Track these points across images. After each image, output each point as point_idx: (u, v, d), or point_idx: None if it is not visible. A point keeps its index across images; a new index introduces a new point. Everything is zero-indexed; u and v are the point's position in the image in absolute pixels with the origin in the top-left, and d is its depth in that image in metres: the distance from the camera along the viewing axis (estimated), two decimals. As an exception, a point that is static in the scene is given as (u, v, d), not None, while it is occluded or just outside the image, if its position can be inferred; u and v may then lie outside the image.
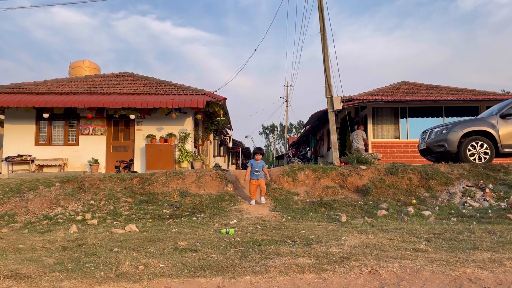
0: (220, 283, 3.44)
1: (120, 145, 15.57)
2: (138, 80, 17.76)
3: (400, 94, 18.04)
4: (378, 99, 16.62)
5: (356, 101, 16.58)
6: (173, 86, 17.01)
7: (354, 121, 18.66)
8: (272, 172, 10.34)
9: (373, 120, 17.05)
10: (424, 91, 18.44)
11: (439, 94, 17.71)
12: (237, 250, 4.75)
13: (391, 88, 19.36)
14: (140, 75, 18.57)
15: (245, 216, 7.89)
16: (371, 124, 17.00)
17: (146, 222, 7.42)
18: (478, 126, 9.68)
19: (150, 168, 13.66)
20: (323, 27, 13.02)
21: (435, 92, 18.24)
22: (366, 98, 16.89)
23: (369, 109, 17.03)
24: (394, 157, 15.80)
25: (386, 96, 17.45)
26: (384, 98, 16.71)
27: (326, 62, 12.99)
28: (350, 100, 16.58)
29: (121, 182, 9.65)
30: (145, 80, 17.72)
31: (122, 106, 14.30)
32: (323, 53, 13.05)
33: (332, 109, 12.86)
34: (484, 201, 7.95)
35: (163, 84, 17.20)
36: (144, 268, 3.90)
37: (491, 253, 4.10)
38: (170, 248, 4.86)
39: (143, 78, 18.04)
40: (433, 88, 18.91)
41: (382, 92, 18.56)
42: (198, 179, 9.76)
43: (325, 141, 23.54)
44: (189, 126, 15.43)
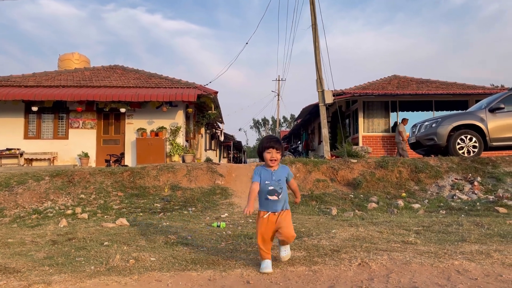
0: (211, 276, 3.45)
1: (111, 138, 15.47)
2: (129, 73, 17.62)
3: (391, 88, 18.14)
4: (369, 93, 16.69)
5: (347, 95, 16.63)
6: (164, 79, 16.90)
7: (345, 115, 18.73)
8: (264, 166, 10.35)
9: (363, 114, 17.13)
10: (414, 85, 18.56)
11: (429, 88, 17.84)
12: (228, 243, 4.76)
13: (382, 82, 19.45)
14: (131, 68, 18.43)
15: (237, 209, 7.90)
16: (362, 118, 17.08)
17: (137, 216, 7.40)
18: (467, 120, 9.78)
19: (141, 162, 13.59)
20: (315, 21, 13.01)
21: (425, 86, 18.36)
22: (357, 92, 16.95)
23: (360, 103, 17.10)
24: (384, 150, 15.92)
25: (376, 90, 17.52)
26: (375, 92, 16.78)
27: (318, 55, 13.00)
28: (341, 94, 16.64)
29: (112, 176, 9.59)
30: (136, 73, 17.59)
31: (112, 100, 14.19)
32: (315, 47, 13.05)
33: (323, 103, 12.89)
34: (473, 194, 8.05)
35: (153, 77, 17.09)
36: (135, 261, 3.89)
37: (479, 245, 4.16)
38: (161, 241, 4.85)
39: (134, 71, 17.90)
40: (423, 82, 19.04)
41: (373, 86, 18.64)
42: (189, 172, 9.74)
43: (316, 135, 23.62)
44: (180, 119, 15.36)
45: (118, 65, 18.75)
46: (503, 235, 4.64)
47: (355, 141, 16.88)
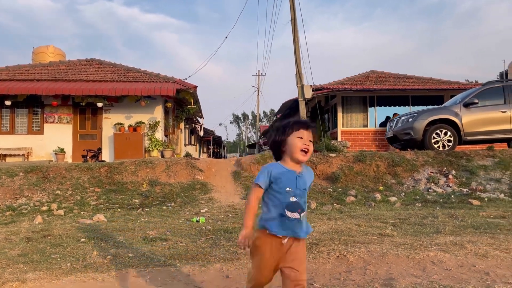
0: (190, 271, 3.44)
1: (87, 133, 15.17)
2: (106, 67, 17.30)
3: (369, 83, 18.35)
4: (348, 88, 16.84)
5: (326, 90, 16.74)
6: (142, 73, 16.66)
7: (324, 110, 18.88)
8: (244, 161, 10.35)
9: (342, 109, 17.29)
10: (391, 80, 18.83)
11: (406, 83, 18.13)
12: (207, 238, 4.75)
13: (360, 77, 19.66)
14: (108, 61, 18.08)
15: (216, 204, 7.88)
16: (340, 113, 17.24)
17: (114, 212, 7.29)
18: (442, 115, 9.98)
19: (119, 157, 13.39)
20: (294, 15, 13.03)
21: (402, 81, 18.66)
22: (336, 87, 17.09)
23: (338, 98, 17.25)
24: (362, 145, 16.12)
25: (355, 85, 17.71)
26: (353, 87, 16.95)
27: (297, 50, 13.03)
28: (320, 89, 16.73)
29: (89, 172, 9.42)
30: (113, 67, 17.27)
31: (89, 94, 13.90)
32: (294, 42, 13.07)
33: (302, 98, 12.95)
34: (447, 187, 8.24)
35: (131, 71, 16.82)
36: (113, 258, 3.84)
37: (453, 237, 4.27)
38: (139, 237, 4.80)
39: (111, 65, 17.58)
40: (400, 78, 19.34)
41: (352, 81, 18.83)
42: (168, 168, 9.66)
43: (295, 130, 23.69)
44: (159, 114, 15.19)
45: (95, 58, 18.37)
46: (476, 227, 4.78)
47: (334, 136, 17.04)
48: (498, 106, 9.98)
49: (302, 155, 2.13)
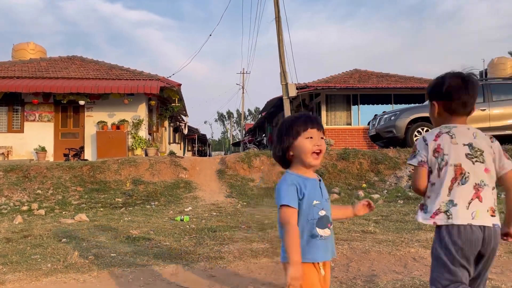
0: (174, 270, 3.42)
1: (69, 132, 14.95)
2: (88, 64, 17.05)
3: (352, 81, 18.52)
4: (331, 86, 16.97)
5: (310, 88, 16.83)
6: (125, 71, 16.47)
7: (308, 108, 18.97)
8: (228, 159, 10.34)
9: (326, 107, 17.41)
10: (375, 79, 19.03)
11: (388, 82, 18.35)
12: (191, 237, 4.74)
13: (344, 75, 19.82)
14: (90, 59, 17.82)
15: (201, 203, 7.86)
16: (324, 111, 17.36)
17: (97, 211, 7.21)
18: (424, 113, 10.12)
19: (101, 156, 13.22)
20: (278, 13, 13.05)
21: (385, 80, 18.87)
22: (320, 85, 17.20)
23: (322, 96, 17.37)
24: (346, 143, 16.26)
25: (339, 83, 17.84)
26: (337, 86, 17.09)
27: (281, 48, 13.07)
28: (304, 87, 16.81)
29: (70, 171, 9.28)
30: (95, 64, 17.04)
31: (71, 92, 13.69)
32: (278, 40, 13.11)
33: (287, 96, 13.00)
34: (429, 184, 8.38)
35: (114, 69, 16.62)
36: (95, 258, 3.79)
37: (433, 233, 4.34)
38: (122, 237, 4.76)
39: (93, 62, 17.33)
40: (383, 76, 19.56)
41: (335, 79, 18.96)
42: (152, 166, 9.58)
43: (280, 128, 23.76)
44: (143, 112, 15.05)
45: (77, 56, 18.08)
46: (456, 223, 4.86)
47: (318, 134, 17.14)
48: (477, 104, 10.16)
49: (314, 159, 1.75)
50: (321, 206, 1.75)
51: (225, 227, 5.28)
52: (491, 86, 10.41)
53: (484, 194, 1.82)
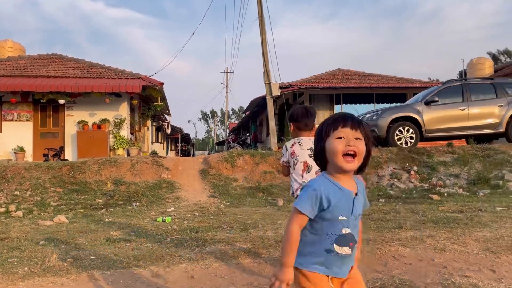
0: (155, 272, 3.38)
1: (49, 131, 14.66)
2: (68, 62, 16.74)
3: (335, 81, 18.65)
4: (315, 86, 17.07)
5: (293, 88, 16.89)
6: (106, 69, 16.23)
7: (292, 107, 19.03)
8: (211, 158, 10.29)
9: (310, 106, 17.50)
10: (357, 79, 19.21)
11: (371, 82, 18.55)
12: (173, 238, 4.69)
13: (327, 75, 19.95)
14: (70, 57, 17.50)
15: (183, 203, 7.80)
16: (308, 110, 17.44)
17: (77, 213, 7.09)
18: (405, 112, 10.26)
19: (82, 156, 13.01)
20: (261, 13, 13.04)
21: (367, 79, 19.07)
22: (303, 85, 17.27)
23: (306, 96, 17.44)
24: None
25: (322, 83, 17.95)
26: (320, 85, 17.19)
27: (265, 48, 13.06)
28: (288, 86, 16.87)
29: (50, 171, 9.10)
30: (76, 63, 16.74)
31: (50, 90, 13.41)
32: (261, 39, 13.10)
33: (270, 96, 13.00)
34: (409, 182, 8.50)
35: (95, 67, 16.35)
36: (73, 260, 3.73)
37: (414, 231, 4.40)
38: (102, 238, 4.68)
39: (73, 61, 17.02)
40: (366, 76, 19.76)
41: (319, 79, 19.07)
42: (133, 166, 9.47)
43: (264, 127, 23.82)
44: (124, 111, 14.86)
45: (57, 53, 17.72)
46: (435, 221, 4.94)
47: (302, 133, 17.24)
48: (457, 104, 10.36)
49: (347, 162, 1.57)
50: (347, 224, 1.60)
51: (207, 227, 5.25)
52: (470, 86, 10.60)
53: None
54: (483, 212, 5.41)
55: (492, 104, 10.30)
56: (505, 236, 4.02)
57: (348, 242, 1.60)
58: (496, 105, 10.26)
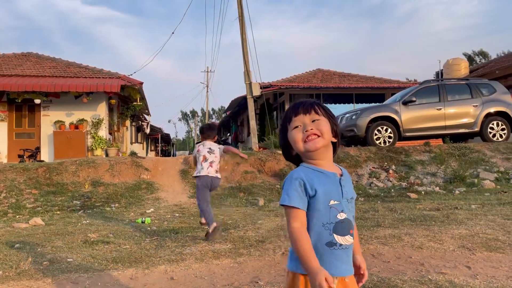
0: (133, 274, 3.34)
1: (24, 132, 14.30)
2: (44, 61, 16.37)
3: (315, 81, 18.79)
4: (295, 86, 17.16)
5: (274, 88, 16.94)
6: (83, 68, 15.94)
7: (272, 107, 19.08)
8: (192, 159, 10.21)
9: (290, 106, 17.59)
10: (337, 79, 19.40)
11: (350, 82, 18.76)
12: (152, 239, 4.64)
13: (307, 75, 20.08)
14: (46, 56, 17.12)
15: (163, 204, 7.73)
16: (288, 110, 17.52)
17: (53, 215, 6.93)
18: (383, 112, 10.41)
19: (59, 157, 12.74)
20: (241, 12, 13.03)
21: (347, 79, 19.28)
22: (284, 84, 17.34)
23: (286, 96, 17.52)
24: (309, 141, 16.47)
25: (302, 83, 18.06)
26: (301, 85, 17.29)
27: (245, 48, 13.05)
28: (268, 86, 16.90)
29: (25, 172, 8.88)
30: (52, 62, 16.39)
31: (26, 90, 13.09)
32: (242, 39, 13.08)
33: (251, 95, 12.99)
34: (388, 181, 8.63)
35: (72, 66, 16.04)
36: (50, 264, 3.64)
37: (392, 230, 4.47)
38: (79, 241, 4.59)
39: (50, 59, 16.66)
40: (345, 76, 19.97)
41: (299, 79, 19.18)
42: (112, 167, 9.32)
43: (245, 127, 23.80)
44: (103, 111, 14.62)
45: (32, 52, 17.31)
46: (413, 219, 5.03)
47: (282, 133, 17.30)
48: (434, 104, 10.57)
49: (310, 143, 1.47)
50: (341, 208, 1.45)
51: (187, 228, 5.21)
52: (446, 87, 10.84)
53: (214, 165, 4.70)
54: (459, 210, 5.53)
55: (467, 104, 10.56)
56: (480, 233, 4.12)
57: (348, 229, 1.46)
58: (471, 105, 10.51)
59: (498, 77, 14.69)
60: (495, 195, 6.88)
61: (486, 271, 3.14)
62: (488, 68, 17.09)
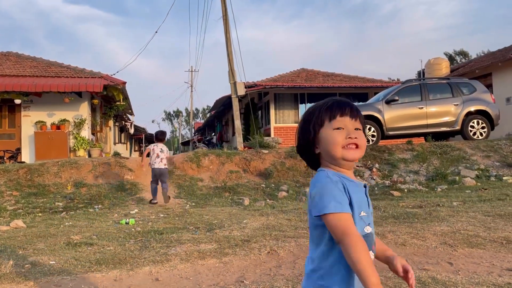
0: (117, 276, 3.30)
1: (4, 132, 14.01)
2: (24, 60, 16.04)
3: (300, 80, 18.87)
4: (280, 85, 17.19)
5: (259, 87, 16.95)
6: (65, 68, 15.68)
7: (257, 107, 19.09)
8: (176, 159, 10.17)
9: (275, 106, 17.62)
10: (321, 78, 19.51)
11: (334, 81, 18.89)
12: (137, 240, 4.60)
13: (292, 74, 20.14)
14: (26, 55, 16.78)
15: (147, 205, 7.66)
16: (273, 110, 17.55)
17: (35, 217, 6.81)
18: (367, 111, 10.52)
19: (41, 158, 12.52)
20: (225, 12, 13.00)
21: (331, 79, 19.41)
22: (268, 84, 17.36)
23: (271, 95, 17.55)
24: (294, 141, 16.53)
25: (286, 82, 18.12)
26: (285, 85, 17.34)
27: (229, 47, 13.03)
28: (253, 86, 16.90)
29: (5, 174, 8.71)
30: (33, 61, 16.07)
31: (5, 90, 12.82)
32: (226, 38, 13.06)
33: (235, 95, 12.98)
34: (372, 179, 8.72)
35: (53, 66, 15.76)
36: (31, 266, 3.58)
37: (375, 227, 4.51)
38: (62, 243, 4.52)
39: (30, 59, 16.34)
40: (329, 76, 20.10)
41: (283, 78, 19.23)
42: (95, 168, 9.21)
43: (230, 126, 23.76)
44: (85, 111, 14.41)
45: (12, 51, 16.95)
46: (396, 217, 5.10)
47: (268, 132, 17.32)
48: (416, 103, 10.73)
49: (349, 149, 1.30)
50: (368, 221, 1.30)
51: (172, 228, 5.18)
52: (428, 86, 11.01)
53: (163, 160, 7.53)
54: (441, 207, 5.62)
55: (448, 103, 10.74)
56: (461, 229, 4.20)
57: (371, 245, 1.30)
58: (452, 104, 10.70)
59: (478, 76, 14.99)
60: (475, 192, 7.02)
61: (468, 267, 3.20)
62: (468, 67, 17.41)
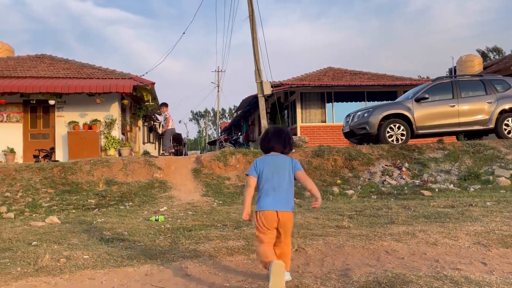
0: (148, 271, 3.38)
1: (39, 132, 14.52)
2: (58, 63, 16.59)
3: (326, 79, 18.72)
4: (306, 84, 17.11)
5: (285, 86, 16.93)
6: (96, 69, 16.12)
7: (283, 106, 19.07)
8: (204, 158, 10.28)
9: (301, 105, 17.54)
10: (348, 77, 19.30)
11: (361, 80, 18.64)
12: (166, 237, 4.69)
13: (318, 73, 20.01)
14: (60, 57, 17.35)
15: (176, 202, 7.78)
16: (299, 109, 17.48)
17: (69, 213, 7.04)
18: (396, 110, 10.34)
19: (73, 157, 12.91)
20: (252, 11, 13.05)
21: (358, 77, 19.16)
22: (295, 83, 17.31)
23: (297, 94, 17.49)
24: (321, 140, 16.43)
25: (313, 81, 18.01)
26: (311, 84, 17.24)
27: (255, 47, 13.07)
28: (279, 85, 16.89)
29: (41, 172, 9.03)
30: (65, 63, 16.60)
31: (40, 91, 13.29)
32: (252, 38, 13.11)
33: (262, 94, 13.01)
34: (401, 179, 8.57)
35: (85, 68, 16.24)
36: (66, 260, 3.71)
37: (406, 227, 4.44)
38: (95, 238, 4.66)
39: (63, 61, 16.88)
40: (356, 74, 19.85)
41: (310, 77, 19.12)
42: (125, 166, 9.42)
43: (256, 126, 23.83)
44: (115, 111, 14.77)
45: (46, 54, 17.57)
46: (427, 216, 5.00)
47: (294, 132, 17.26)
48: (447, 100, 10.46)
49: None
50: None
51: (200, 226, 5.24)
52: (460, 83, 10.71)
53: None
54: (474, 207, 5.47)
55: (481, 100, 10.42)
56: (495, 229, 4.07)
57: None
58: (485, 102, 10.38)
59: (512, 73, 14.45)
60: (510, 192, 6.79)
61: (503, 267, 3.11)
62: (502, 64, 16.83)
